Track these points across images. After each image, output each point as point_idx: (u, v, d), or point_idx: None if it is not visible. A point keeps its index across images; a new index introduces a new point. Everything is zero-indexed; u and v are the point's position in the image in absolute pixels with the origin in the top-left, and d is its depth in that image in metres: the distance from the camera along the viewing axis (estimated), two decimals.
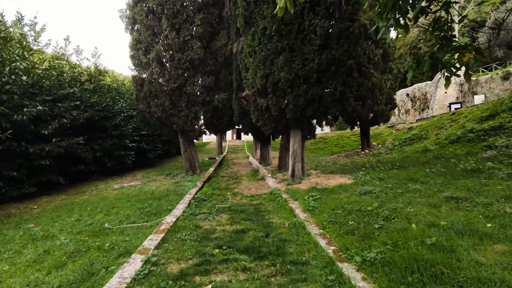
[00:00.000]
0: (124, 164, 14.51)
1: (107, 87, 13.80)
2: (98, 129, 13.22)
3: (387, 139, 20.65)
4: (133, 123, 15.38)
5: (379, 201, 5.65)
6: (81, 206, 8.02)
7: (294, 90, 8.48)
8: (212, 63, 11.68)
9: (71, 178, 12.31)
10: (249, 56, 9.22)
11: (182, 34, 10.86)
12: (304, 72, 8.22)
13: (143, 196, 8.56)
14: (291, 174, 9.40)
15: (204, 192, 8.40)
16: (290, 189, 7.90)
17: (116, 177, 13.67)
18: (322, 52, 8.17)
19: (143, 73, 11.55)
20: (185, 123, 11.66)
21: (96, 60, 13.59)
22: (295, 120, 8.93)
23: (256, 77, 8.88)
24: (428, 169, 8.23)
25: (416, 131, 17.43)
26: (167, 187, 9.84)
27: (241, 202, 7.29)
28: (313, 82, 8.37)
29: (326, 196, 6.77)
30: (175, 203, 7.01)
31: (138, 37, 11.03)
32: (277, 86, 8.62)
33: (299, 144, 9.34)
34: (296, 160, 9.32)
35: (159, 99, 11.37)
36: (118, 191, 9.95)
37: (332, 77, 8.44)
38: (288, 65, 8.32)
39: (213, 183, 10.53)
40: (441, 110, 23.11)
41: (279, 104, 8.79)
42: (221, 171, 14.57)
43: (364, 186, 7.36)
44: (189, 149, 12.61)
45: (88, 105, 12.40)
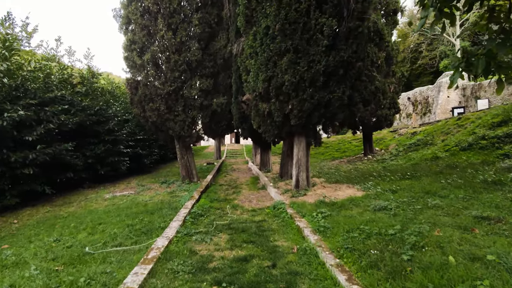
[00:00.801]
0: (118, 170, 13.72)
1: (100, 90, 13.04)
2: (90, 135, 12.45)
3: (390, 144, 20.00)
4: (128, 128, 14.62)
5: (399, 221, 4.93)
6: (65, 220, 7.24)
7: (299, 94, 7.79)
8: (211, 65, 10.98)
9: (60, 187, 11.53)
10: (250, 58, 8.53)
11: (179, 34, 10.15)
12: (310, 75, 7.53)
13: (135, 209, 7.79)
14: (295, 185, 8.67)
15: (201, 205, 7.65)
16: (295, 203, 7.17)
17: (109, 185, 12.88)
18: (329, 53, 7.49)
19: (138, 76, 10.84)
20: (181, 128, 10.92)
21: (89, 62, 12.88)
22: (299, 126, 8.22)
23: (257, 80, 8.19)
24: (443, 180, 7.55)
25: (421, 136, 16.79)
26: (162, 198, 9.08)
27: (241, 218, 6.54)
28: (319, 86, 7.68)
29: (336, 213, 6.04)
30: (168, 220, 6.26)
31: (132, 37, 10.32)
32: (280, 90, 7.92)
33: (304, 152, 8.63)
34: (300, 170, 8.60)
35: (154, 103, 10.63)
36: (108, 202, 9.17)
37: (340, 80, 7.75)
38: (292, 67, 7.63)
39: (211, 193, 9.77)
40: (443, 115, 22.51)
41: (283, 109, 8.09)
42: (219, 178, 13.82)
43: (376, 200, 6.65)
44: (186, 156, 11.87)
45: (79, 109, 11.64)
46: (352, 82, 8.01)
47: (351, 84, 7.97)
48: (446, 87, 22.32)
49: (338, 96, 7.74)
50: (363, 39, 7.86)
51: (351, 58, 7.64)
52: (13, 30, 14.57)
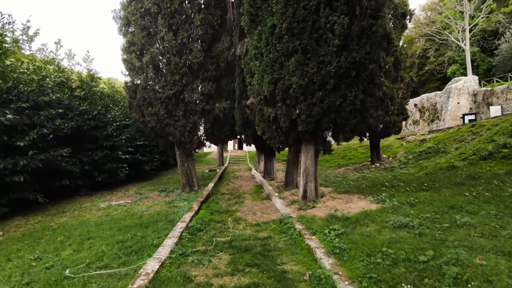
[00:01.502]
0: (116, 178, 13.12)
1: (99, 94, 12.54)
2: (87, 140, 11.90)
3: (397, 151, 19.23)
4: (127, 133, 14.07)
5: (427, 243, 4.23)
6: (54, 233, 6.61)
7: (307, 98, 7.16)
8: (213, 68, 10.42)
9: (55, 194, 10.92)
10: (254, 59, 7.94)
11: (180, 35, 9.62)
12: (319, 77, 6.92)
13: (129, 221, 7.15)
14: (303, 196, 7.99)
15: (201, 218, 6.99)
16: (303, 217, 6.48)
17: (107, 193, 12.28)
18: (340, 53, 6.87)
19: (137, 79, 10.29)
20: (182, 134, 10.32)
21: (88, 65, 12.41)
22: (308, 133, 7.57)
23: (263, 82, 7.58)
24: (467, 193, 6.83)
25: (431, 144, 16.02)
26: (159, 209, 8.43)
27: (244, 234, 5.86)
28: (330, 89, 7.05)
29: (351, 230, 5.35)
30: (163, 235, 5.60)
31: (131, 39, 9.80)
32: (287, 93, 7.30)
33: (312, 160, 7.96)
34: (308, 180, 7.92)
35: (153, 107, 10.06)
36: (103, 212, 8.55)
37: (351, 83, 7.12)
38: (300, 69, 7.02)
39: (212, 203, 9.11)
40: (453, 122, 21.73)
41: (290, 114, 7.45)
42: (221, 186, 13.16)
43: (394, 214, 5.95)
44: (186, 163, 11.24)
45: (77, 113, 11.12)
46: (365, 86, 7.38)
47: (363, 88, 7.34)
48: (456, 93, 21.61)
49: (350, 100, 7.10)
50: (377, 39, 7.25)
51: (363, 59, 7.02)
52: (13, 33, 14.23)
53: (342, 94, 7.12)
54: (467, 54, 24.02)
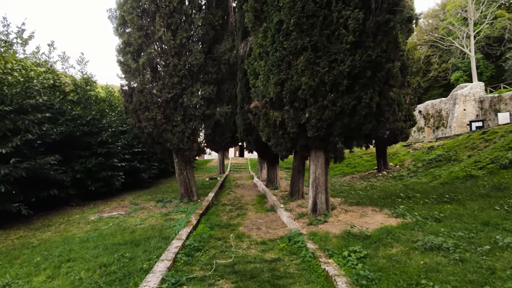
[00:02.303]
0: (112, 186, 12.33)
1: (94, 98, 11.83)
2: (80, 147, 11.15)
3: (404, 159, 18.45)
4: (124, 140, 13.32)
5: (473, 273, 3.43)
6: (32, 252, 5.79)
7: (318, 100, 6.42)
8: (214, 71, 9.72)
9: (42, 205, 10.14)
10: (259, 59, 7.24)
11: (179, 36, 8.95)
12: (331, 77, 6.19)
13: (119, 237, 6.34)
14: (312, 209, 7.17)
15: (199, 234, 6.17)
16: (315, 233, 5.66)
17: (101, 202, 11.46)
18: (355, 51, 6.16)
19: (133, 81, 9.59)
20: (180, 140, 9.56)
21: (83, 68, 11.73)
22: (318, 139, 6.81)
23: (268, 83, 6.86)
24: (498, 207, 6.04)
25: (441, 151, 15.24)
26: (154, 222, 7.62)
27: (249, 255, 5.04)
28: (343, 90, 6.32)
29: (374, 251, 4.53)
30: (155, 256, 4.79)
31: (127, 39, 9.13)
32: (295, 95, 6.57)
33: (322, 169, 7.18)
34: (318, 191, 7.12)
35: (150, 111, 9.33)
36: (92, 225, 7.73)
37: (367, 84, 6.38)
38: (310, 68, 6.30)
39: (212, 215, 8.29)
40: (460, 129, 21.00)
41: (298, 118, 6.70)
42: (222, 196, 12.34)
43: (420, 232, 5.14)
44: (185, 171, 10.46)
45: (69, 118, 10.40)
46: (381, 87, 6.65)
47: (379, 89, 6.60)
48: (463, 100, 20.92)
49: (366, 103, 6.36)
50: (394, 36, 6.55)
51: (380, 58, 6.30)
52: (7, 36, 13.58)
53: (357, 96, 6.38)
54: (472, 60, 23.44)
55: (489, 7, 25.31)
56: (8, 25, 13.69)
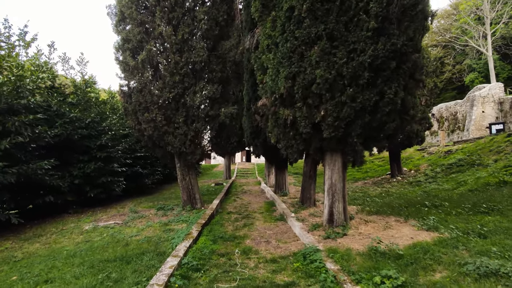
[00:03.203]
0: (112, 192, 11.65)
1: (94, 100, 11.23)
2: (79, 151, 10.52)
3: (419, 164, 17.36)
4: (125, 143, 12.67)
5: None
6: (11, 269, 5.07)
7: (335, 96, 5.60)
8: (219, 68, 9.00)
9: (37, 213, 9.50)
10: (267, 51, 6.47)
11: (181, 31, 8.29)
12: (350, 69, 5.38)
13: (110, 250, 5.57)
14: (328, 219, 6.29)
15: (200, 249, 5.36)
16: (335, 250, 4.79)
17: (100, 210, 10.77)
18: (377, 39, 5.35)
19: (132, 81, 8.93)
20: (182, 143, 8.83)
21: (82, 69, 11.16)
22: (334, 140, 5.97)
23: (278, 78, 6.07)
24: None
25: (462, 156, 14.17)
26: (152, 233, 6.84)
27: (257, 277, 4.19)
28: (363, 84, 5.49)
29: (413, 276, 3.64)
30: (145, 278, 4.00)
31: (126, 35, 8.50)
32: (309, 90, 5.77)
33: (340, 175, 6.31)
34: (335, 199, 6.25)
35: (150, 112, 8.64)
36: (84, 236, 6.99)
37: (391, 77, 5.55)
38: (326, 60, 5.51)
39: (215, 225, 7.48)
40: (478, 132, 19.82)
41: (312, 116, 5.89)
42: (228, 203, 11.53)
43: (465, 251, 4.23)
44: (187, 177, 9.70)
45: (67, 120, 9.78)
46: (406, 81, 5.79)
47: (404, 83, 5.75)
48: (481, 101, 19.78)
49: (390, 99, 5.52)
50: (421, 22, 5.72)
51: (406, 47, 5.47)
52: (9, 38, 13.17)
53: (379, 91, 5.55)
54: (489, 60, 22.29)
55: (505, 6, 24.19)
56: (9, 27, 13.34)
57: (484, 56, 24.89)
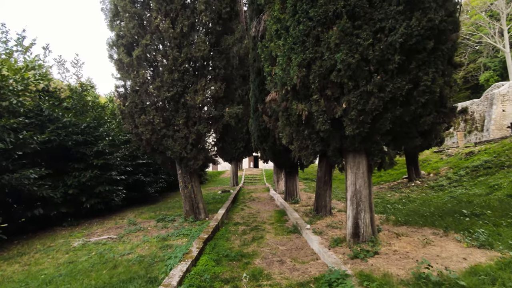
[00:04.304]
0: (111, 203, 10.78)
1: (91, 104, 10.45)
2: (74, 158, 9.70)
3: (438, 166, 16.08)
4: (125, 150, 11.84)
5: None
6: None
7: (359, 85, 4.61)
8: (222, 65, 8.11)
9: (29, 227, 8.67)
10: (276, 38, 5.54)
11: (179, 23, 7.45)
12: (377, 51, 4.39)
13: (94, 275, 4.62)
14: (353, 233, 5.23)
15: (200, 273, 4.36)
16: (368, 276, 3.73)
17: (97, 221, 9.90)
18: (410, 15, 4.37)
19: (128, 80, 8.10)
20: (183, 148, 7.91)
21: (78, 71, 10.44)
22: (359, 138, 4.96)
23: (289, 67, 5.11)
24: None
25: (488, 157, 12.91)
26: (146, 251, 5.87)
27: None
28: (393, 70, 4.49)
29: None
30: None
31: (119, 30, 7.70)
32: (327, 79, 4.79)
33: (365, 180, 5.27)
34: (360, 209, 5.20)
35: (147, 114, 7.78)
36: (69, 256, 6.06)
37: (427, 60, 4.54)
38: (347, 42, 4.53)
39: (220, 240, 6.47)
40: (499, 132, 18.47)
41: (331, 110, 4.89)
42: (235, 212, 10.51)
43: None
44: (190, 185, 8.75)
45: (59, 125, 8.99)
46: (445, 66, 4.77)
47: (443, 68, 4.73)
48: (501, 100, 18.47)
49: (426, 86, 4.49)
50: None
51: (445, 24, 4.47)
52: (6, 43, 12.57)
53: (413, 78, 4.53)
54: (507, 57, 21.00)
55: None
56: (7, 32, 12.75)
57: (500, 54, 23.57)
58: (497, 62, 25.51)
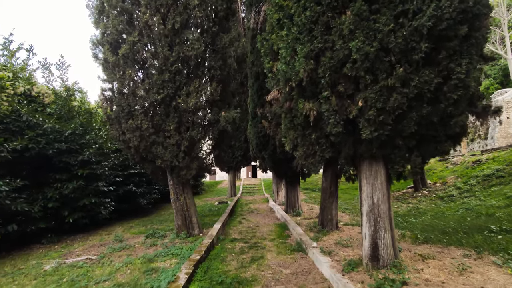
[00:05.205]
0: (97, 216, 9.82)
1: (77, 109, 9.63)
2: (55, 168, 8.80)
3: (445, 175, 15.28)
4: (115, 159, 10.97)
5: None
6: None
7: (378, 79, 3.83)
8: (218, 65, 7.36)
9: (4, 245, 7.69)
10: (278, 28, 4.78)
11: (171, 20, 6.72)
12: (400, 39, 3.64)
13: None
14: (371, 255, 4.35)
15: None
16: None
17: (80, 237, 8.95)
18: None
19: (115, 82, 7.30)
20: (174, 156, 7.07)
21: (62, 74, 9.66)
22: (377, 142, 4.14)
23: (295, 60, 4.34)
24: None
25: (498, 166, 12.15)
26: (127, 277, 4.95)
27: None
28: (418, 61, 3.73)
29: None
30: None
31: (105, 27, 6.96)
32: (339, 72, 4.01)
33: (384, 191, 4.44)
34: (379, 226, 4.34)
35: (134, 119, 6.96)
36: (36, 283, 5.10)
37: (459, 50, 3.78)
38: (364, 27, 3.78)
39: (214, 262, 5.55)
40: (505, 140, 17.79)
41: (345, 110, 4.10)
42: (232, 225, 9.58)
43: None
44: (182, 196, 7.86)
45: (39, 132, 8.15)
46: (479, 55, 4.02)
47: (477, 59, 3.97)
48: (505, 107, 17.85)
49: (459, 80, 3.72)
50: None
51: (479, 7, 3.74)
52: None
53: (442, 69, 3.77)
54: (510, 63, 20.58)
55: None
56: None
57: (500, 62, 23.20)
58: (497, 70, 25.13)
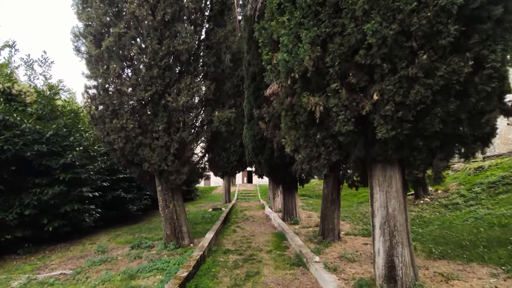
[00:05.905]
0: (81, 224, 9.04)
1: (60, 109, 8.91)
2: (34, 172, 8.04)
3: (446, 182, 14.70)
4: (102, 163, 10.22)
5: None
6: None
7: (397, 68, 3.21)
8: (212, 62, 6.74)
9: None
10: (279, 14, 4.17)
11: (160, 11, 6.10)
12: (424, 20, 3.03)
13: None
14: (387, 276, 3.68)
15: None
16: None
17: (61, 247, 8.16)
18: None
19: (98, 78, 6.61)
20: (163, 159, 6.37)
21: (45, 71, 8.95)
22: (394, 143, 3.51)
23: (298, 48, 3.71)
24: None
25: (503, 172, 11.62)
26: None
27: None
28: (446, 47, 3.12)
29: None
30: None
31: (88, 18, 6.31)
32: (350, 61, 3.39)
33: (399, 200, 3.79)
34: (396, 241, 3.68)
35: (119, 118, 6.27)
36: None
37: (493, 34, 3.19)
38: (381, 7, 3.17)
39: (203, 279, 4.82)
40: (505, 146, 17.37)
41: (356, 105, 3.47)
42: (225, 234, 8.84)
43: None
44: (171, 203, 7.13)
45: (16, 133, 7.41)
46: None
47: None
48: None
49: (494, 69, 3.12)
50: None
51: None
52: None
53: (473, 56, 3.17)
54: None
55: None
56: None
57: None
58: None
